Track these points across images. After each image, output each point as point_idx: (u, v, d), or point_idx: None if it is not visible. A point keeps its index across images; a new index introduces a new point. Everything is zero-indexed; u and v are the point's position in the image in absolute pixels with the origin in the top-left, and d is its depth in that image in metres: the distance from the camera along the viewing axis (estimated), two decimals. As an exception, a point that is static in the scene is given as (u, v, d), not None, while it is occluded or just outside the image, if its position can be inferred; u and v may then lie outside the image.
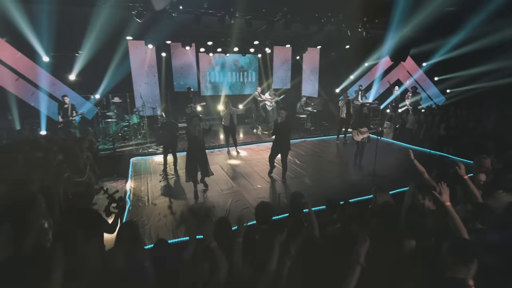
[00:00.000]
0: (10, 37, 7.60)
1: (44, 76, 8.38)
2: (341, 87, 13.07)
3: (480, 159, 3.77)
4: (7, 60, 7.93)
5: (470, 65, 10.92)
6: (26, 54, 8.01)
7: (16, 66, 8.07)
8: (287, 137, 6.04)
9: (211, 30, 8.89)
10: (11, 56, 7.93)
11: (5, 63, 7.91)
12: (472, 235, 2.48)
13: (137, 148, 8.44)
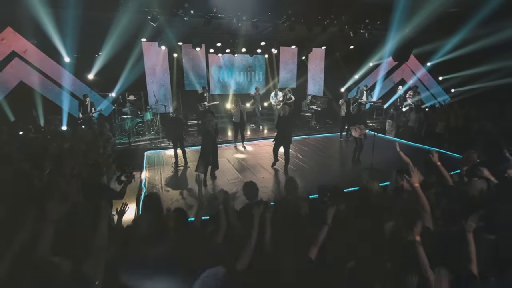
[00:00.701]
0: (37, 40, 8.30)
1: (66, 76, 9.09)
2: (345, 86, 13.42)
3: (467, 153, 4.17)
4: (34, 61, 8.66)
5: (472, 64, 11.16)
6: (50, 55, 8.73)
7: (41, 67, 8.80)
8: (288, 131, 6.53)
9: (220, 32, 9.42)
10: (37, 57, 8.66)
11: (32, 64, 8.65)
12: (438, 209, 2.95)
13: (151, 142, 9.05)
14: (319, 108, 11.94)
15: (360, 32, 9.56)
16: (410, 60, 12.80)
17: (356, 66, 12.88)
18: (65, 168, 4.03)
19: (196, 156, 7.34)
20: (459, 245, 2.31)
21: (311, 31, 9.03)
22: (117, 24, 7.38)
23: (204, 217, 3.07)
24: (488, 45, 9.99)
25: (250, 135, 10.15)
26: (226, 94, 12.15)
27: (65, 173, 3.86)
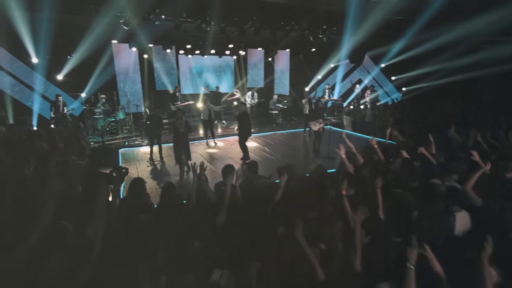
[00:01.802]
0: (4, 42, 8.32)
1: (35, 77, 9.15)
2: (309, 86, 14.44)
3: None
4: (1, 63, 8.67)
5: (417, 66, 12.63)
6: (18, 56, 8.77)
7: (9, 68, 8.81)
8: (243, 126, 7.33)
9: (189, 35, 9.94)
10: (5, 59, 8.67)
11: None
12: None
13: (124, 141, 9.37)
14: (285, 106, 12.84)
15: (319, 37, 10.53)
16: (366, 61, 14.12)
17: (318, 67, 13.92)
18: (50, 164, 4.42)
19: (170, 152, 7.88)
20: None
21: (275, 35, 9.85)
22: (89, 27, 7.68)
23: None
24: (428, 49, 11.41)
25: (220, 132, 10.78)
26: (196, 94, 12.65)
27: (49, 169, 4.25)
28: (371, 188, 3.18)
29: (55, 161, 4.61)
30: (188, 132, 6.98)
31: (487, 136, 5.51)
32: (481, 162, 3.82)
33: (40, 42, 7.79)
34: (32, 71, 9.10)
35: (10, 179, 3.85)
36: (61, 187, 2.94)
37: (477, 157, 3.92)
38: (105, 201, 2.92)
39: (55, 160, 4.68)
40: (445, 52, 11.36)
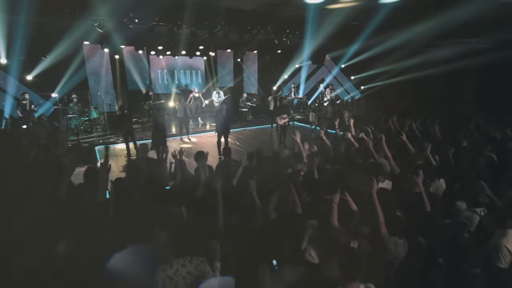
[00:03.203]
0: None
1: (6, 78, 9.22)
2: (277, 85, 15.40)
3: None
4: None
5: (370, 67, 14.04)
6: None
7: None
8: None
9: (161, 37, 10.44)
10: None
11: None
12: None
13: (99, 139, 9.68)
14: (254, 104, 13.68)
15: (283, 40, 11.48)
16: (327, 62, 15.36)
17: (284, 67, 14.90)
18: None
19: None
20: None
21: (243, 38, 10.64)
22: (63, 29, 7.99)
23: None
24: (378, 52, 12.79)
25: (194, 129, 11.39)
26: (168, 93, 13.12)
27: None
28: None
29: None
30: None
31: (417, 124, 6.70)
32: (407, 142, 4.92)
33: (15, 44, 7.95)
34: (2, 72, 9.14)
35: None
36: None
37: (405, 138, 5.02)
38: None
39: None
40: (394, 54, 12.82)
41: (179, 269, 2.20)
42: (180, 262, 2.22)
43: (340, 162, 4.39)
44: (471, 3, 8.14)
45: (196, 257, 2.26)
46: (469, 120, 7.47)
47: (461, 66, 11.05)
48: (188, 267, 2.22)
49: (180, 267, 2.20)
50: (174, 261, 2.21)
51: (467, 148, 5.12)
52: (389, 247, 2.53)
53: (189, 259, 2.23)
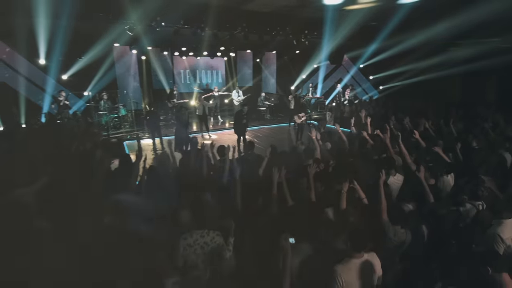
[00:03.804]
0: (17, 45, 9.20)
1: (43, 77, 10.08)
2: (295, 85, 15.66)
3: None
4: (14, 65, 9.56)
5: (389, 67, 14.04)
6: (28, 58, 9.66)
7: (21, 69, 9.71)
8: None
9: (185, 39, 11.00)
10: (17, 61, 9.58)
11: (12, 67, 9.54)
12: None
13: (126, 134, 10.37)
14: (272, 104, 14.04)
15: (302, 41, 11.76)
16: (345, 62, 15.46)
17: (302, 67, 15.14)
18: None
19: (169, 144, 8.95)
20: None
21: (262, 39, 11.03)
22: (96, 32, 8.67)
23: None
24: (397, 52, 12.81)
25: (213, 127, 11.92)
26: (190, 92, 13.70)
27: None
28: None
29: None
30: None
31: (431, 124, 6.85)
32: (420, 140, 5.15)
33: (54, 46, 8.72)
34: (41, 72, 9.99)
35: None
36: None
37: (417, 136, 5.26)
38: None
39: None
40: (413, 54, 12.79)
41: (198, 239, 2.62)
42: (199, 233, 2.63)
43: (354, 157, 4.68)
44: (492, 2, 8.14)
45: (213, 230, 2.67)
46: (486, 120, 7.53)
47: (481, 66, 10.94)
48: (206, 238, 2.63)
49: (198, 237, 2.62)
50: (193, 232, 2.63)
51: (479, 147, 5.27)
52: (388, 233, 2.82)
53: (206, 232, 2.65)
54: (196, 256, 2.58)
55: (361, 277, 2.29)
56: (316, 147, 4.87)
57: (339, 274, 2.25)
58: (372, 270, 2.34)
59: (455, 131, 6.61)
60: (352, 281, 2.27)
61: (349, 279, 2.26)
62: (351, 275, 2.27)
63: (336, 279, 2.24)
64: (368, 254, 2.36)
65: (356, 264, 2.30)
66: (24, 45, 8.70)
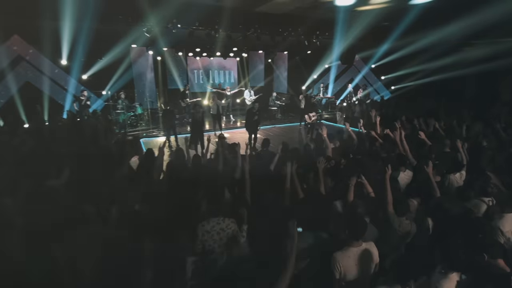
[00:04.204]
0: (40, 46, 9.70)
1: (65, 77, 10.58)
2: (306, 85, 15.81)
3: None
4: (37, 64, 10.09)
5: (403, 66, 14.03)
6: (51, 58, 10.17)
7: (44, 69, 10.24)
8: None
9: (199, 40, 11.33)
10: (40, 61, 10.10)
11: (35, 67, 10.07)
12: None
13: (142, 132, 10.76)
14: (283, 103, 14.24)
15: (313, 41, 11.91)
16: (357, 62, 15.51)
17: (313, 67, 15.27)
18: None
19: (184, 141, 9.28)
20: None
21: (274, 40, 11.24)
22: (116, 34, 9.08)
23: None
24: (410, 52, 12.80)
25: (225, 125, 12.20)
26: (203, 91, 14.05)
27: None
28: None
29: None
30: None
31: (442, 124, 6.93)
32: (425, 139, 5.27)
33: (77, 47, 9.18)
34: (62, 71, 10.51)
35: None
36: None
37: (423, 135, 5.38)
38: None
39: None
40: (425, 54, 12.76)
41: (214, 225, 2.87)
42: (215, 220, 2.89)
43: (362, 154, 4.85)
44: (506, 1, 8.12)
45: (228, 218, 2.92)
46: (499, 120, 7.54)
47: (496, 66, 10.85)
48: (221, 224, 2.88)
49: (215, 224, 2.88)
50: (210, 219, 2.89)
51: (488, 146, 5.35)
52: (393, 224, 3.00)
53: (222, 219, 2.90)
54: (213, 241, 2.83)
55: (358, 264, 2.48)
56: (328, 145, 5.06)
57: (338, 261, 2.46)
58: (370, 258, 2.54)
59: (465, 131, 6.69)
60: (350, 268, 2.47)
61: (347, 266, 2.46)
62: (349, 262, 2.47)
63: (335, 266, 2.46)
64: (366, 243, 2.56)
65: (354, 252, 2.50)
66: (48, 47, 9.20)
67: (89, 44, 9.12)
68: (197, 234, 2.84)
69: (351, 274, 2.47)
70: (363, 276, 2.49)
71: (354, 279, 2.47)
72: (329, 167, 4.29)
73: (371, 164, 4.26)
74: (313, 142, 6.16)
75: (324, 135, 5.31)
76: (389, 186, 3.16)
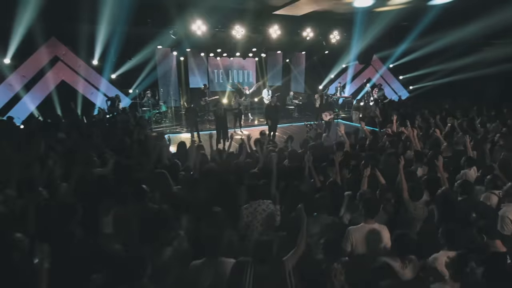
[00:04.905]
0: (74, 47, 10.47)
1: (96, 77, 11.37)
2: (323, 84, 16.03)
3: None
4: (72, 64, 10.90)
5: (419, 67, 14.04)
6: (84, 59, 10.96)
7: (77, 69, 11.04)
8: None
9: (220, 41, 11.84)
10: (74, 61, 10.90)
11: (70, 66, 10.89)
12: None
13: (166, 128, 11.39)
14: (300, 102, 14.56)
15: (331, 41, 12.16)
16: (374, 61, 15.59)
17: (331, 67, 15.48)
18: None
19: (206, 137, 9.80)
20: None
21: (293, 40, 11.59)
22: (144, 36, 9.72)
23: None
24: (428, 52, 12.83)
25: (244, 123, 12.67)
26: (224, 90, 14.57)
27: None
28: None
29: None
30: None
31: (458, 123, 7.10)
32: (440, 137, 5.52)
33: (109, 49, 9.89)
34: (93, 71, 11.30)
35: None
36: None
37: (438, 133, 5.63)
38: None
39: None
40: (445, 54, 12.75)
41: (256, 207, 3.30)
42: (256, 203, 3.32)
43: (376, 150, 5.18)
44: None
45: (266, 199, 3.34)
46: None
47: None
48: (262, 206, 3.32)
49: (256, 206, 3.30)
50: (252, 202, 3.32)
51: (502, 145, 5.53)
52: (408, 208, 3.34)
53: (262, 201, 3.33)
54: (257, 221, 3.27)
55: (368, 240, 2.85)
56: (345, 141, 5.40)
57: (351, 234, 2.85)
58: (379, 237, 2.87)
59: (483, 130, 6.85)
60: (361, 242, 2.85)
61: (358, 239, 2.85)
62: (361, 237, 2.85)
63: (349, 238, 2.85)
64: (379, 225, 2.92)
65: (366, 228, 2.88)
66: (83, 48, 9.97)
67: (120, 46, 9.78)
68: (241, 215, 3.27)
69: (361, 247, 2.85)
70: (371, 252, 2.84)
71: (362, 253, 2.84)
72: (347, 162, 4.64)
73: (385, 159, 4.58)
74: (329, 137, 6.50)
75: (342, 132, 5.64)
76: (403, 174, 3.50)
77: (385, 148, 5.36)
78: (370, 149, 5.28)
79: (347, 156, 4.79)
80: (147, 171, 4.24)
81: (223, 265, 2.43)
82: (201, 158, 4.93)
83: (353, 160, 4.72)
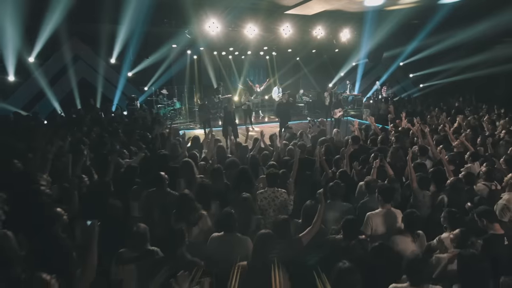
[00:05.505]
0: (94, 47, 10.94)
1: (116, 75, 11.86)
2: (333, 82, 16.21)
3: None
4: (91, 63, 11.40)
5: (430, 65, 14.09)
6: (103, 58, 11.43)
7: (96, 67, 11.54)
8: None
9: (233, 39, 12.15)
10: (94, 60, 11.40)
11: (90, 65, 11.39)
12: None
13: (180, 124, 11.80)
14: (310, 100, 14.80)
15: (341, 40, 12.35)
16: (384, 59, 15.66)
17: (340, 65, 15.66)
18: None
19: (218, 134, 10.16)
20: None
21: (303, 39, 11.82)
22: (162, 35, 10.12)
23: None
24: (439, 50, 12.89)
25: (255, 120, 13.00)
26: (235, 88, 14.91)
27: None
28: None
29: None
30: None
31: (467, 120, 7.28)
32: (450, 134, 5.75)
33: (128, 48, 10.33)
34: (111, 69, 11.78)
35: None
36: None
37: (448, 129, 5.85)
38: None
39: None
40: (455, 52, 12.79)
41: (270, 194, 3.62)
42: (271, 190, 3.64)
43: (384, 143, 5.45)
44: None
45: (280, 188, 3.66)
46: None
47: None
48: (276, 193, 3.64)
49: (270, 192, 3.63)
50: (268, 189, 3.64)
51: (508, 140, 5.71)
52: (418, 196, 3.64)
53: (276, 189, 3.65)
54: (269, 206, 3.59)
55: (385, 222, 3.17)
56: (359, 135, 5.70)
57: (371, 218, 3.17)
58: (395, 218, 3.20)
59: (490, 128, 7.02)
60: (380, 224, 3.17)
61: (377, 222, 3.17)
62: (379, 220, 3.18)
63: (369, 222, 3.17)
64: (394, 209, 3.22)
65: (383, 212, 3.20)
66: (102, 47, 10.44)
67: (138, 45, 10.20)
68: (256, 199, 3.59)
69: (380, 229, 3.17)
70: (388, 232, 3.14)
71: (381, 233, 3.15)
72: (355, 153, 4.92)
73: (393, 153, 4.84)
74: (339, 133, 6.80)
75: (356, 126, 5.92)
76: (411, 166, 3.79)
77: (391, 143, 5.62)
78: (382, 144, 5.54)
79: (358, 150, 5.08)
80: (175, 161, 4.62)
81: (237, 240, 2.79)
82: (218, 150, 5.28)
83: (363, 154, 5.00)
